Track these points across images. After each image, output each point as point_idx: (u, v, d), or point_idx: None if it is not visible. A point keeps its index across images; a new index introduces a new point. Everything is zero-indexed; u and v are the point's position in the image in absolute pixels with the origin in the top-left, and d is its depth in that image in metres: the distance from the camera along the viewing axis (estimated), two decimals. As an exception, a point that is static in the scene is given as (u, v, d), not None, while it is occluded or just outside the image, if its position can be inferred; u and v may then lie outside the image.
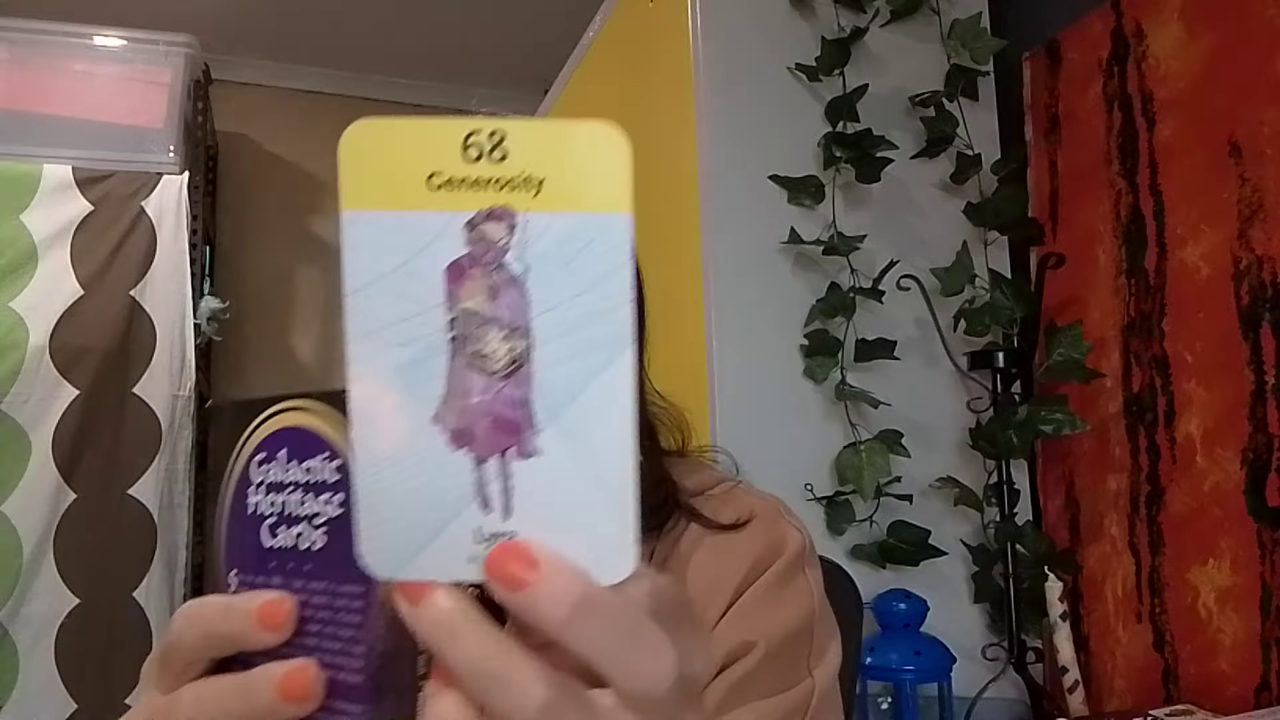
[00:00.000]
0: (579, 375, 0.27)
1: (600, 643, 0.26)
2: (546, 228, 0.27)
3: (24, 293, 1.89)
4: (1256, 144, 1.12)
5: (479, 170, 0.27)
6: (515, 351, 0.27)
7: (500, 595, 0.26)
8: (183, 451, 1.99)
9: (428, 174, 0.27)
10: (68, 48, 2.04)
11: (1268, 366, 1.10)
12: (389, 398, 0.27)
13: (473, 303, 0.27)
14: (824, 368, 1.36)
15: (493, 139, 0.27)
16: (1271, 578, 1.08)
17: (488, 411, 0.27)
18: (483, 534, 0.27)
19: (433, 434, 0.27)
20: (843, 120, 1.41)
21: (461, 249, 0.27)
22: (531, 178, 0.27)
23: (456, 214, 0.27)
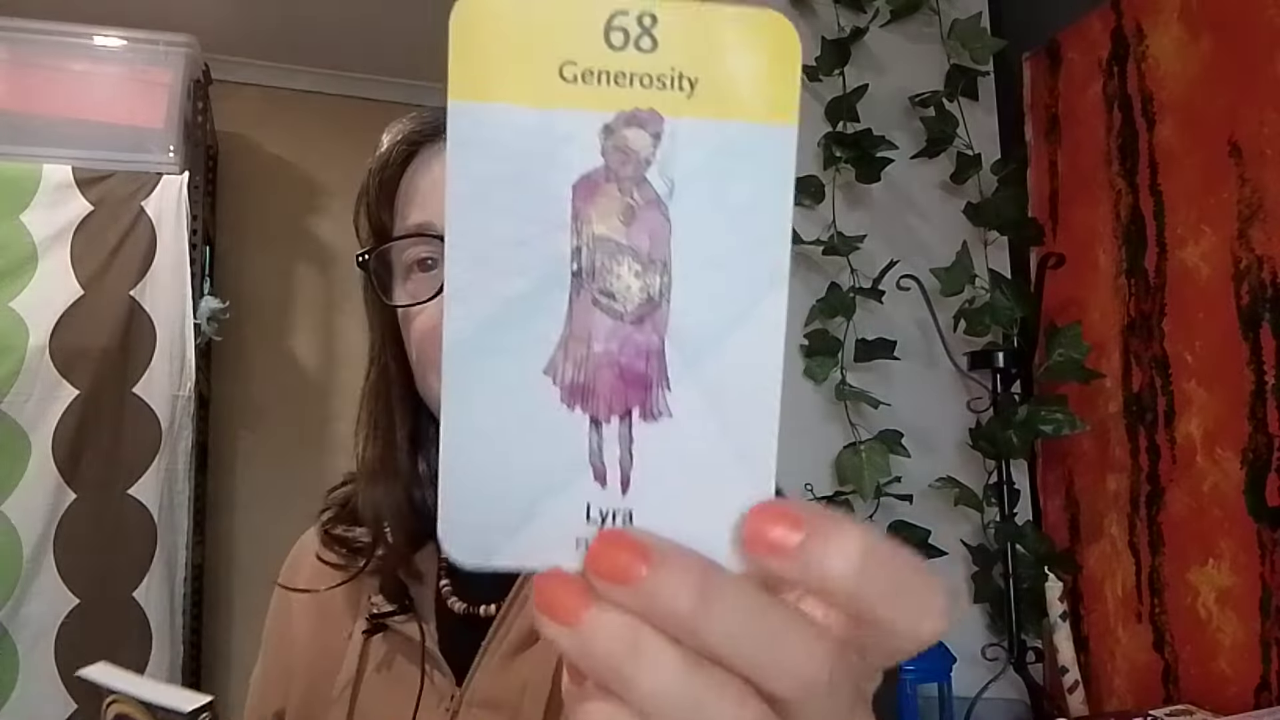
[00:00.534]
0: (723, 320, 0.23)
1: (737, 641, 0.21)
2: (698, 138, 0.22)
3: (24, 293, 1.89)
4: (1256, 144, 1.12)
5: (622, 61, 0.22)
6: (651, 289, 0.22)
7: (605, 590, 0.22)
8: (183, 451, 1.98)
9: (560, 62, 0.22)
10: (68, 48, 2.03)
11: (1268, 366, 1.10)
12: (492, 339, 0.22)
13: (605, 227, 0.22)
14: (824, 368, 1.36)
15: (642, 23, 0.22)
16: (1271, 578, 1.08)
17: (612, 362, 0.23)
18: (595, 512, 0.23)
19: (543, 387, 0.23)
20: (843, 120, 1.41)
21: (596, 159, 0.22)
22: (684, 75, 0.22)
23: (592, 114, 0.22)
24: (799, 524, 0.22)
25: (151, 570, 1.91)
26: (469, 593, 0.62)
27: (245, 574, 2.48)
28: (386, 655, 0.63)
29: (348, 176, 0.63)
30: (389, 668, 0.63)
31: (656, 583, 0.21)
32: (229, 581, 2.47)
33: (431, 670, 0.61)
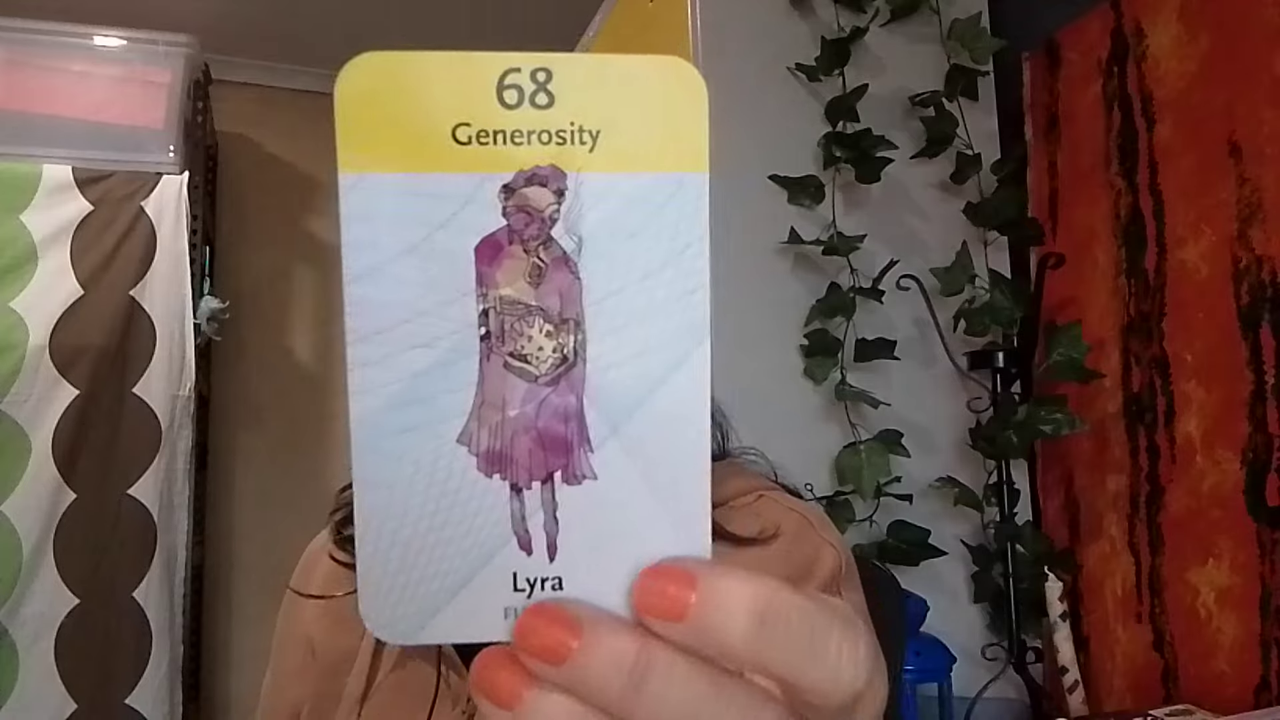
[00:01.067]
0: (645, 377, 0.22)
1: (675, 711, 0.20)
2: (605, 192, 0.22)
3: (24, 293, 1.89)
4: (1256, 144, 1.12)
5: (519, 119, 0.21)
6: (565, 349, 0.22)
7: (539, 670, 0.21)
8: (183, 451, 1.98)
9: (453, 124, 0.21)
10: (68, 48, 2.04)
11: (1268, 366, 1.10)
12: (402, 414, 0.22)
13: (511, 289, 0.22)
14: (824, 368, 1.36)
15: (536, 79, 0.21)
16: (1271, 578, 1.08)
17: (529, 426, 0.22)
18: (523, 581, 0.22)
19: (459, 458, 0.22)
20: (842, 120, 1.41)
21: (498, 220, 0.22)
22: (585, 128, 0.21)
23: (491, 175, 0.21)
24: (690, 583, 0.21)
25: (151, 570, 1.92)
26: None
27: (245, 574, 2.48)
28: (401, 656, 0.63)
29: None
30: (403, 668, 0.62)
31: (586, 660, 0.20)
32: (229, 581, 2.47)
33: (447, 672, 0.60)
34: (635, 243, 0.22)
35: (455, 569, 0.22)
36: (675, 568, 0.21)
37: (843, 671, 0.21)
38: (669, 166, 0.22)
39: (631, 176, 0.22)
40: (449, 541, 0.22)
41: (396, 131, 0.21)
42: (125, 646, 1.88)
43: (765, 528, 0.58)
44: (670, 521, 0.22)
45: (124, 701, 1.85)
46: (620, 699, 0.20)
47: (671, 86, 0.22)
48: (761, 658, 0.21)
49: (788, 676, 0.21)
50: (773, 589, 0.21)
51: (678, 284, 0.22)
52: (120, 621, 1.88)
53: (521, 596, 0.22)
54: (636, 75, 0.21)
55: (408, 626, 0.22)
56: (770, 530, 0.58)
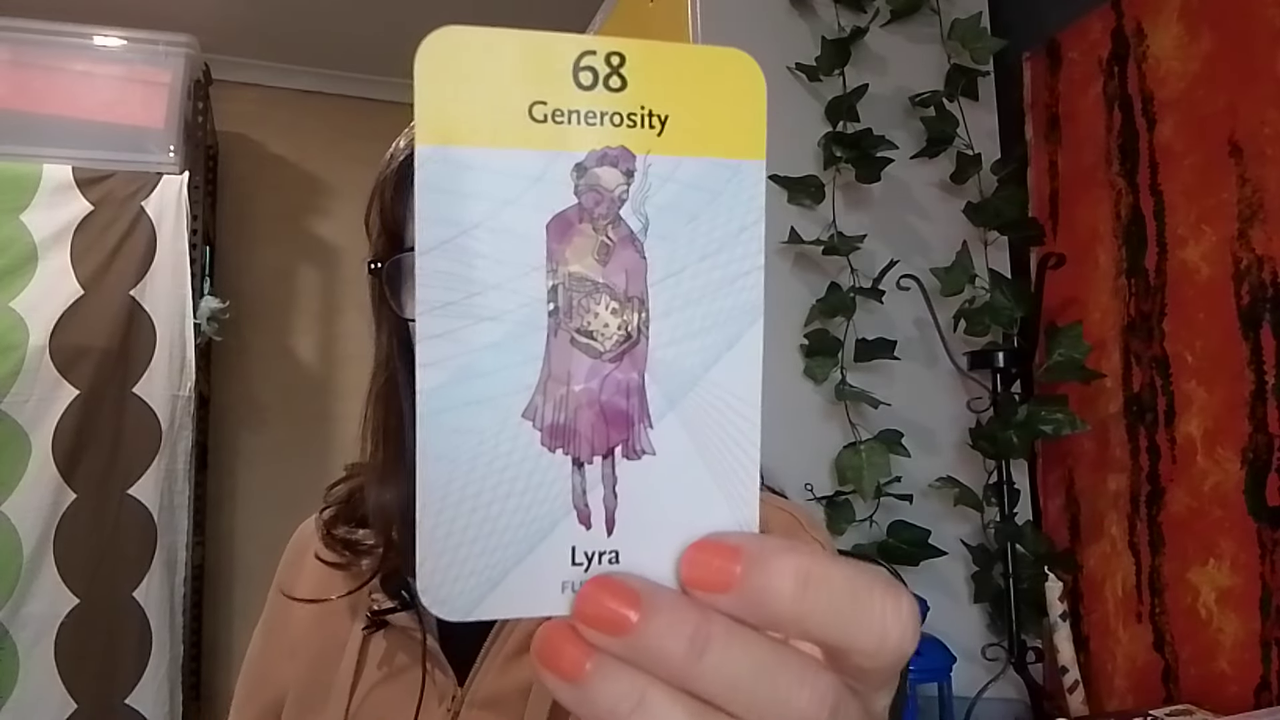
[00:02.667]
0: (703, 355, 0.22)
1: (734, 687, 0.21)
2: (670, 174, 0.22)
3: (24, 293, 1.89)
4: (1256, 144, 1.12)
5: (592, 100, 0.22)
6: (629, 326, 0.22)
7: (600, 642, 0.21)
8: (183, 451, 1.98)
9: (530, 102, 0.22)
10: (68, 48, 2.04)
11: (1268, 366, 1.10)
12: (469, 387, 0.22)
13: (580, 265, 0.22)
14: (824, 368, 1.36)
15: (610, 62, 0.22)
16: (1271, 578, 1.08)
17: (593, 401, 0.22)
18: (581, 555, 0.22)
19: (523, 431, 0.22)
20: (843, 120, 1.41)
21: (569, 198, 0.22)
22: (654, 112, 0.22)
23: (564, 154, 0.22)
24: (735, 556, 0.21)
25: (151, 570, 1.92)
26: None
27: (245, 574, 2.48)
28: (387, 652, 0.63)
29: (348, 176, 0.62)
30: (389, 665, 0.62)
31: (647, 631, 0.21)
32: (229, 581, 2.47)
33: (433, 669, 0.60)
34: (696, 224, 0.22)
35: (515, 542, 0.22)
36: (720, 542, 0.22)
37: (889, 630, 0.22)
38: (729, 153, 0.22)
39: (695, 160, 0.22)
40: (509, 515, 0.22)
41: (475, 106, 0.21)
42: (125, 646, 1.88)
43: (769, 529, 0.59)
44: (724, 497, 0.23)
45: (124, 701, 1.85)
46: (682, 669, 0.21)
47: (734, 77, 0.22)
48: (808, 621, 0.21)
49: (835, 638, 0.21)
50: (813, 555, 0.21)
51: (734, 266, 0.22)
52: (120, 621, 1.88)
53: (579, 571, 0.22)
54: (703, 64, 0.22)
55: (465, 602, 0.22)
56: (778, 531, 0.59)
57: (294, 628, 0.68)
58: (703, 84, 0.22)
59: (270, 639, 0.70)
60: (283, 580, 0.71)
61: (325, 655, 0.64)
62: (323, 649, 0.65)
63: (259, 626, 0.72)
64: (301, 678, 0.65)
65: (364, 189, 0.63)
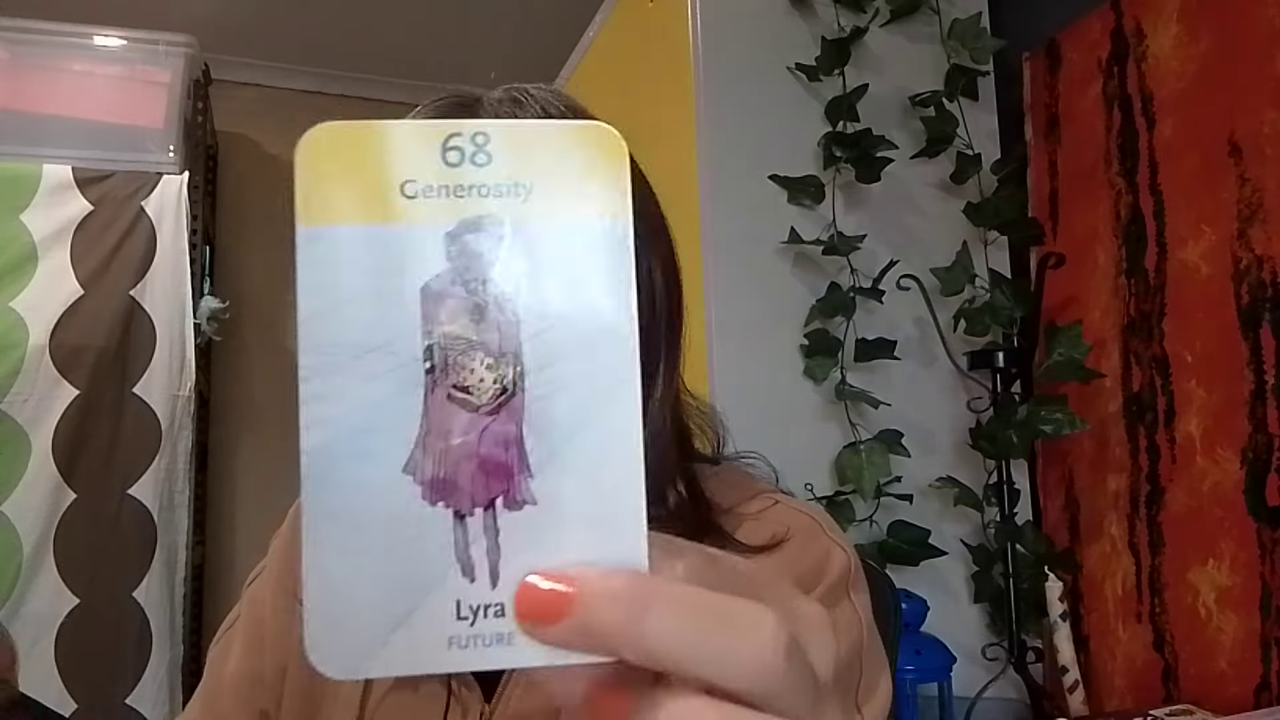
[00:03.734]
0: (579, 407, 0.23)
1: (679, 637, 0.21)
2: (537, 238, 0.24)
3: (24, 293, 1.89)
4: (1256, 144, 1.12)
5: (460, 175, 0.24)
6: (504, 380, 0.23)
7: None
8: (183, 451, 1.98)
9: (401, 181, 0.23)
10: (68, 48, 2.04)
11: (1268, 366, 1.10)
12: (350, 444, 0.23)
13: (454, 326, 0.23)
14: (824, 368, 1.36)
15: (476, 141, 0.24)
16: (1271, 578, 1.08)
17: (471, 454, 0.23)
18: (466, 609, 0.22)
19: (404, 486, 0.23)
20: (843, 120, 1.41)
21: (442, 264, 0.23)
22: (520, 183, 0.24)
23: (435, 226, 0.23)
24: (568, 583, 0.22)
25: (151, 570, 1.92)
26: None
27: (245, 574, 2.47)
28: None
29: None
30: (408, 677, 0.58)
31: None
32: (229, 581, 2.47)
33: (458, 687, 0.58)
34: (564, 282, 0.24)
35: (400, 599, 0.22)
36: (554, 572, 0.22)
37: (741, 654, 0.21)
38: (593, 215, 0.24)
39: (561, 224, 0.24)
40: (394, 570, 0.22)
41: (350, 188, 0.24)
42: (125, 646, 1.88)
43: (776, 532, 0.58)
44: (608, 543, 0.23)
45: (124, 701, 1.85)
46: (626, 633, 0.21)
47: (595, 146, 0.24)
48: (645, 649, 0.21)
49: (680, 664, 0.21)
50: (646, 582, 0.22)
51: (605, 319, 0.24)
52: (120, 621, 1.88)
53: (465, 625, 0.22)
54: (563, 137, 0.24)
55: (354, 661, 0.22)
56: (780, 534, 0.58)
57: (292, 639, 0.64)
58: (564, 155, 0.24)
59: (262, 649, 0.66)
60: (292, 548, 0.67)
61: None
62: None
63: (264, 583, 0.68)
64: (301, 692, 0.62)
65: None
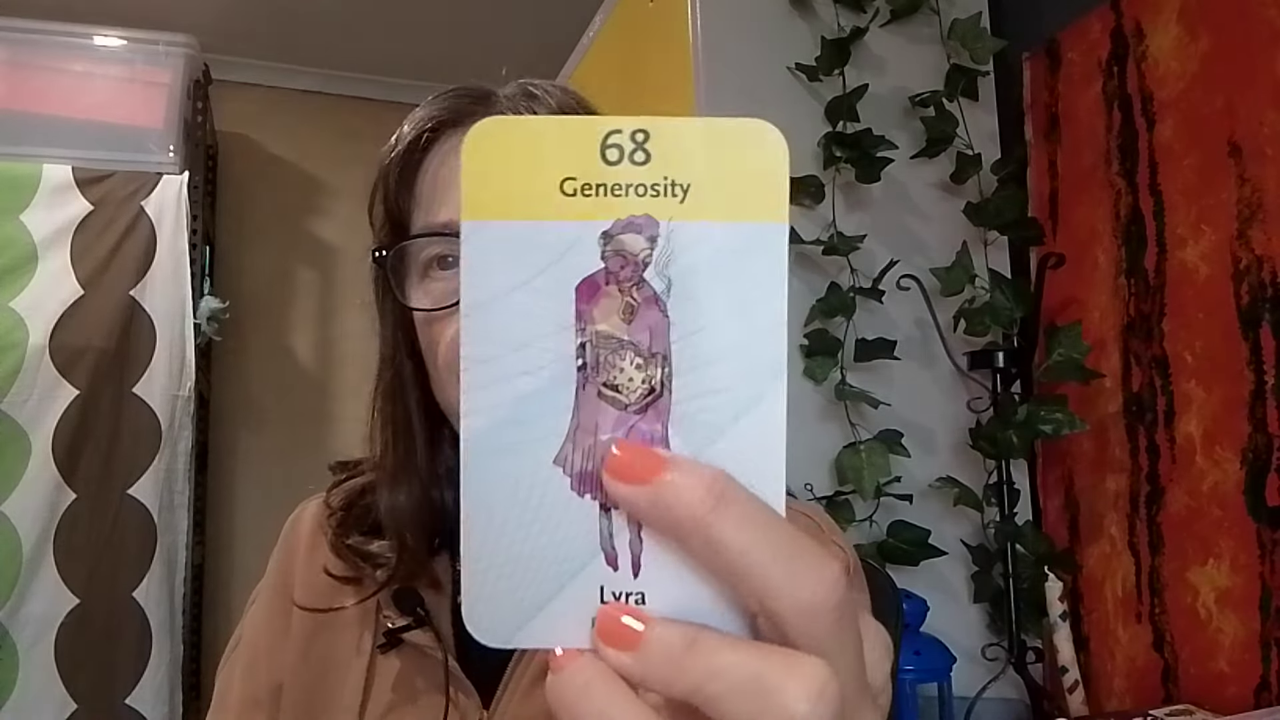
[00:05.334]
0: (726, 409, 0.24)
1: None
2: (694, 239, 0.24)
3: (24, 293, 1.89)
4: (1256, 144, 1.12)
5: (618, 174, 0.24)
6: (652, 380, 0.24)
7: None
8: (183, 451, 1.98)
9: (561, 179, 0.24)
10: (68, 48, 2.04)
11: (1268, 366, 1.10)
12: (506, 435, 0.24)
13: (607, 324, 0.24)
14: (824, 368, 1.36)
15: (635, 139, 0.24)
16: (1271, 578, 1.08)
17: None
18: (609, 595, 0.24)
19: (554, 477, 0.24)
20: (843, 120, 1.41)
21: (596, 263, 0.24)
22: (678, 182, 0.24)
23: (592, 223, 0.24)
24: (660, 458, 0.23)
25: (151, 570, 1.92)
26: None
27: (245, 574, 2.48)
28: (401, 671, 0.60)
29: (348, 176, 0.61)
30: (404, 685, 0.59)
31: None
32: (229, 581, 2.47)
33: (455, 692, 0.58)
34: (719, 285, 0.24)
35: (548, 579, 0.24)
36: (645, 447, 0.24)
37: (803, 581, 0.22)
38: (751, 216, 0.24)
39: (718, 225, 0.24)
40: (543, 553, 0.24)
41: (513, 185, 0.24)
42: (125, 646, 1.88)
43: None
44: None
45: (124, 701, 1.85)
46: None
47: (755, 146, 0.24)
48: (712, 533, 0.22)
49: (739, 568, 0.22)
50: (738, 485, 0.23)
51: (756, 324, 0.24)
52: (120, 621, 1.88)
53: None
54: (725, 135, 0.24)
55: (505, 631, 0.24)
56: None
57: (288, 646, 0.64)
58: (724, 153, 0.24)
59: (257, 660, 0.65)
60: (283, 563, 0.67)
61: (329, 674, 0.61)
62: (325, 668, 0.61)
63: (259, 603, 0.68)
64: (299, 683, 0.62)
65: (364, 189, 0.62)
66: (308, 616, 0.64)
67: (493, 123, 0.24)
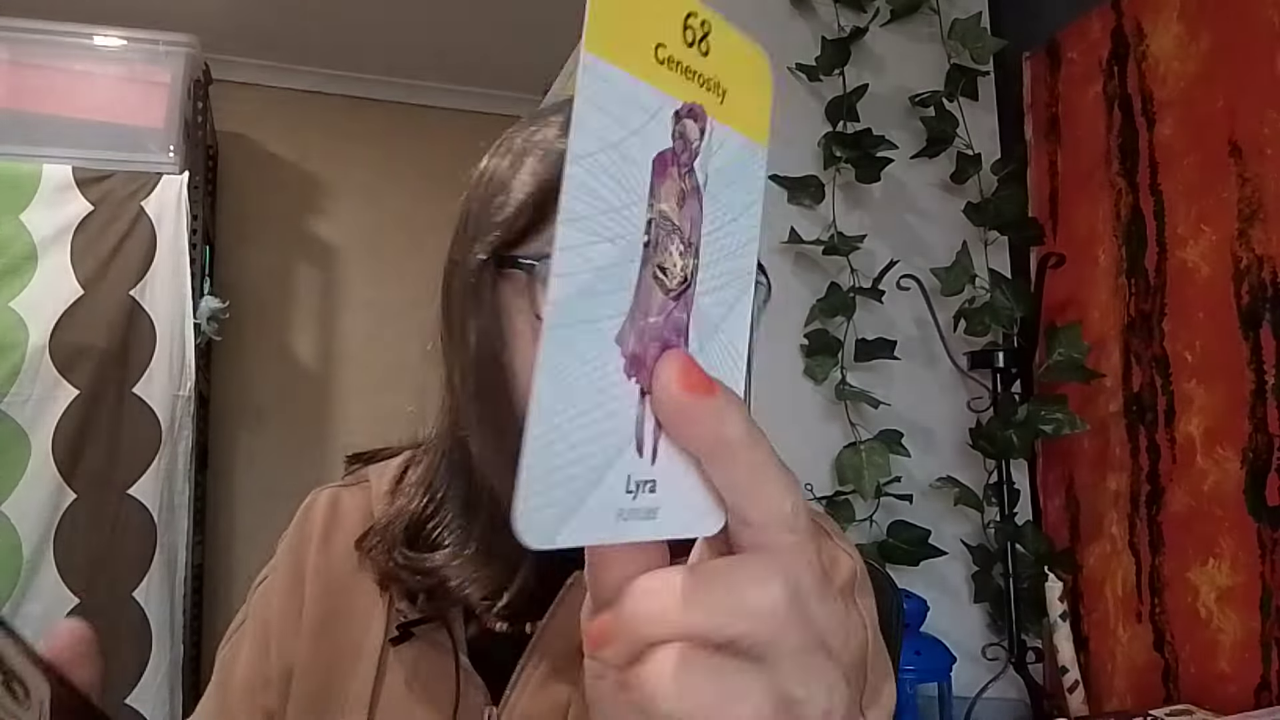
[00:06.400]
0: (721, 307, 0.25)
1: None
2: (722, 142, 0.25)
3: (24, 293, 1.89)
4: (1256, 144, 1.12)
5: (689, 57, 0.24)
6: (687, 270, 0.25)
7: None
8: (183, 451, 1.98)
9: (655, 43, 0.23)
10: (68, 48, 2.03)
11: (1268, 366, 1.10)
12: (583, 305, 0.23)
13: (666, 205, 0.24)
14: (824, 368, 1.36)
15: (703, 28, 0.24)
16: (1271, 578, 1.08)
17: (658, 335, 0.24)
18: (632, 483, 0.24)
19: (613, 356, 0.23)
20: (843, 120, 1.41)
21: (668, 140, 0.24)
22: (721, 84, 0.25)
23: (669, 99, 0.24)
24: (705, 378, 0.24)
25: (151, 570, 1.91)
26: (506, 607, 0.58)
27: (245, 574, 2.47)
28: (413, 665, 0.59)
29: (347, 176, 0.60)
30: (416, 678, 0.59)
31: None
32: (229, 581, 2.47)
33: (466, 686, 0.58)
34: (729, 191, 0.25)
35: (593, 468, 0.23)
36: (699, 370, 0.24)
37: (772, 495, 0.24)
38: (754, 135, 0.26)
39: (736, 135, 0.25)
40: (593, 441, 0.23)
41: (625, 32, 0.23)
42: (125, 647, 1.87)
43: None
44: None
45: (124, 701, 1.85)
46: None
47: (761, 70, 0.26)
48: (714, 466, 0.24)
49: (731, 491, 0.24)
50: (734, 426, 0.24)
51: (745, 234, 0.26)
52: (120, 621, 1.88)
53: (629, 499, 0.24)
54: (754, 58, 0.26)
55: (549, 531, 0.23)
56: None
57: (306, 609, 0.63)
58: (750, 73, 0.25)
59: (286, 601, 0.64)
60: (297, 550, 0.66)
61: (338, 657, 0.61)
62: (335, 657, 0.61)
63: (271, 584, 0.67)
64: (310, 672, 0.62)
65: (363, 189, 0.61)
66: (320, 606, 0.63)
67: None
